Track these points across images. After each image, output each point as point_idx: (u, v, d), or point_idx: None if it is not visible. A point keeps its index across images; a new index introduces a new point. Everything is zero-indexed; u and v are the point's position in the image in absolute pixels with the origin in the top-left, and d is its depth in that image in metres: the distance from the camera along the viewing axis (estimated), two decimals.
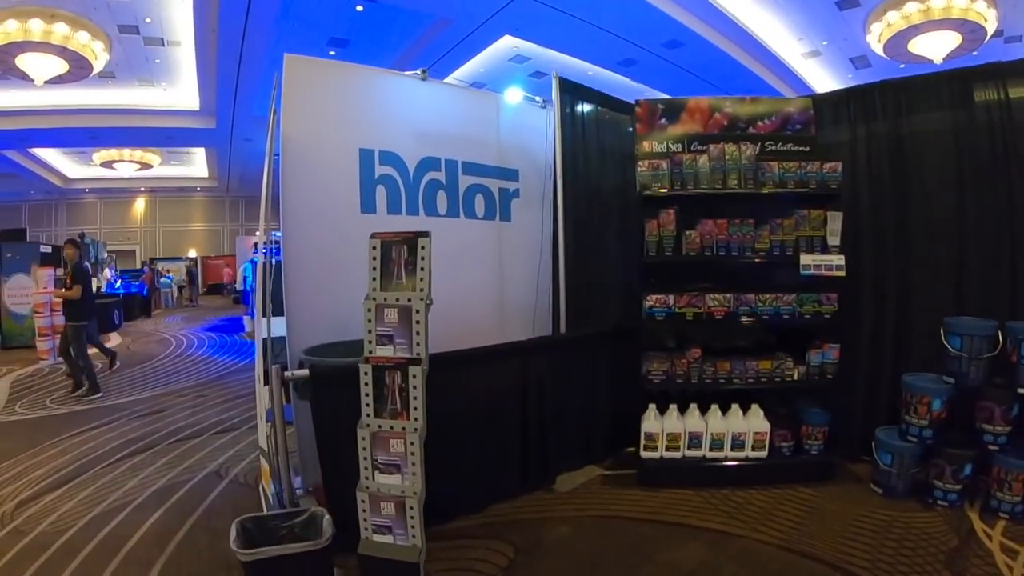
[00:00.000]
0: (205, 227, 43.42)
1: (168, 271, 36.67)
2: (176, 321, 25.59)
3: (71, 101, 23.13)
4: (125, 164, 31.63)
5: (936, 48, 16.82)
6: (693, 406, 6.76)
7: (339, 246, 5.88)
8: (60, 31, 16.37)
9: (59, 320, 14.98)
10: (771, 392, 6.78)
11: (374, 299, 4.18)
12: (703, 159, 6.72)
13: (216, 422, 9.41)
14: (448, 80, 18.70)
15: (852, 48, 19.03)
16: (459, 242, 6.80)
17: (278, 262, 6.13)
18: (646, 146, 7.14)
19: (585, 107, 7.37)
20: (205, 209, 43.24)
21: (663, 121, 7.19)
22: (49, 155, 32.58)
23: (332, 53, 19.40)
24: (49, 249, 19.50)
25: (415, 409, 4.08)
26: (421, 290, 4.14)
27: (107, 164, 31.82)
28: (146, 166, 32.65)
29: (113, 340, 19.32)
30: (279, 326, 8.62)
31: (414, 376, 4.06)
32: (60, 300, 13.89)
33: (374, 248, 4.24)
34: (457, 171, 6.93)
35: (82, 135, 26.38)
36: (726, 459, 6.58)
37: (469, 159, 7.03)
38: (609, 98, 7.64)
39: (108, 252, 33.28)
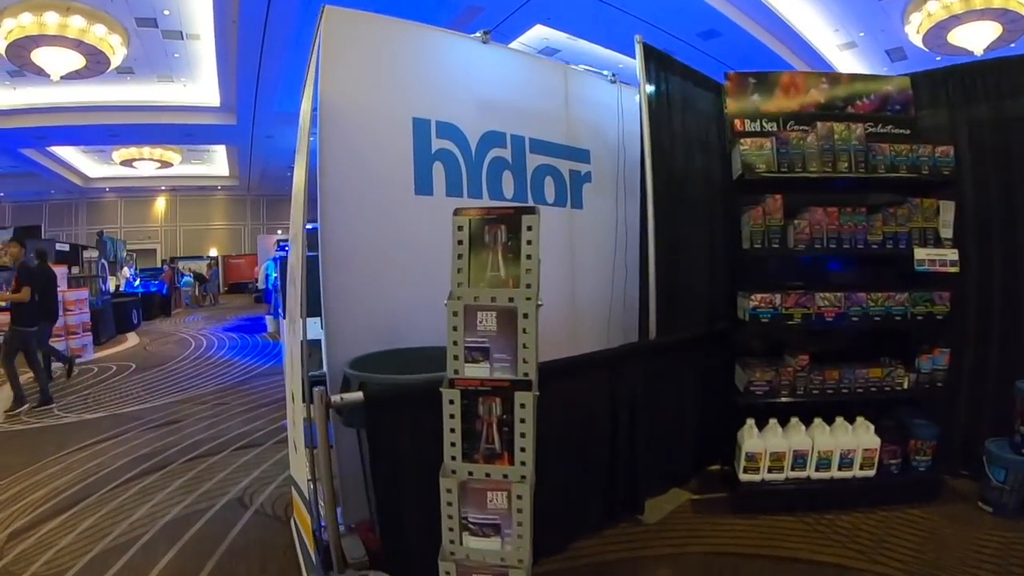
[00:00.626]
0: (226, 226, 42.43)
1: (189, 270, 35.68)
2: (196, 321, 24.40)
3: (89, 98, 22.31)
4: (145, 162, 30.82)
5: (976, 39, 16.07)
6: (795, 420, 5.67)
7: (389, 234, 4.79)
8: (76, 24, 15.66)
9: (73, 320, 13.95)
10: (873, 403, 5.78)
11: (460, 298, 2.99)
12: (811, 138, 5.70)
13: (238, 435, 8.22)
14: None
15: (889, 40, 18.16)
16: None
17: (312, 256, 5.13)
18: (738, 124, 6.20)
19: (669, 79, 6.16)
20: (226, 208, 42.28)
21: (755, 97, 6.29)
22: (69, 154, 31.63)
23: None
24: (67, 248, 18.52)
25: (522, 450, 2.92)
26: (528, 286, 2.97)
27: (127, 163, 30.99)
28: (166, 164, 31.82)
29: (130, 340, 18.26)
30: (310, 327, 7.62)
31: (522, 405, 2.90)
32: (74, 301, 13.06)
33: (460, 228, 3.04)
34: (524, 148, 5.70)
35: (101, 132, 25.47)
36: (831, 480, 5.57)
37: (537, 136, 5.80)
38: (692, 70, 6.43)
39: (128, 251, 32.31)
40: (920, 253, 5.54)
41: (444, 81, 5.26)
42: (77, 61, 17.34)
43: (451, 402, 2.95)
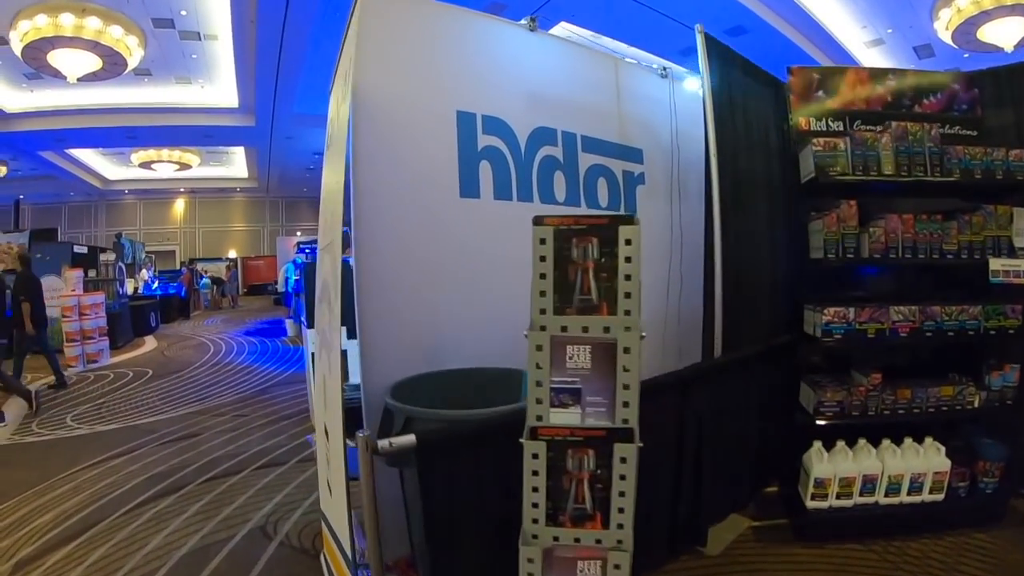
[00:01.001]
0: (245, 227, 41.96)
1: (207, 272, 35.21)
2: (215, 324, 23.86)
3: (107, 100, 22.03)
4: (164, 164, 30.38)
5: (1007, 35, 15.61)
6: (863, 442, 5.12)
7: (431, 242, 4.21)
8: (92, 25, 15.35)
9: (89, 325, 13.46)
10: (940, 422, 5.31)
11: (545, 328, 2.41)
12: (885, 139, 5.17)
13: (259, 452, 7.61)
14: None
15: (917, 36, 17.66)
16: None
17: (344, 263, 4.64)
18: (803, 122, 5.67)
19: (730, 73, 5.55)
20: (245, 210, 41.80)
21: (820, 93, 5.76)
22: (87, 156, 31.33)
23: None
24: (84, 250, 18.06)
25: (620, 511, 2.36)
26: (628, 312, 2.40)
27: (146, 165, 30.58)
28: (185, 166, 31.38)
29: (148, 344, 17.79)
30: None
31: (622, 459, 2.33)
32: (89, 305, 12.60)
33: (542, 241, 2.46)
34: (576, 147, 5.08)
35: (119, 135, 25.16)
36: (900, 505, 5.05)
37: (589, 133, 5.18)
38: (751, 64, 5.83)
39: (147, 253, 31.90)
40: (995, 264, 5.08)
41: (489, 71, 4.67)
42: (94, 63, 17.01)
43: (534, 456, 2.39)
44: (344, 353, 3.44)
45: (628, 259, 2.41)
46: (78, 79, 17.63)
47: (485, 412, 3.00)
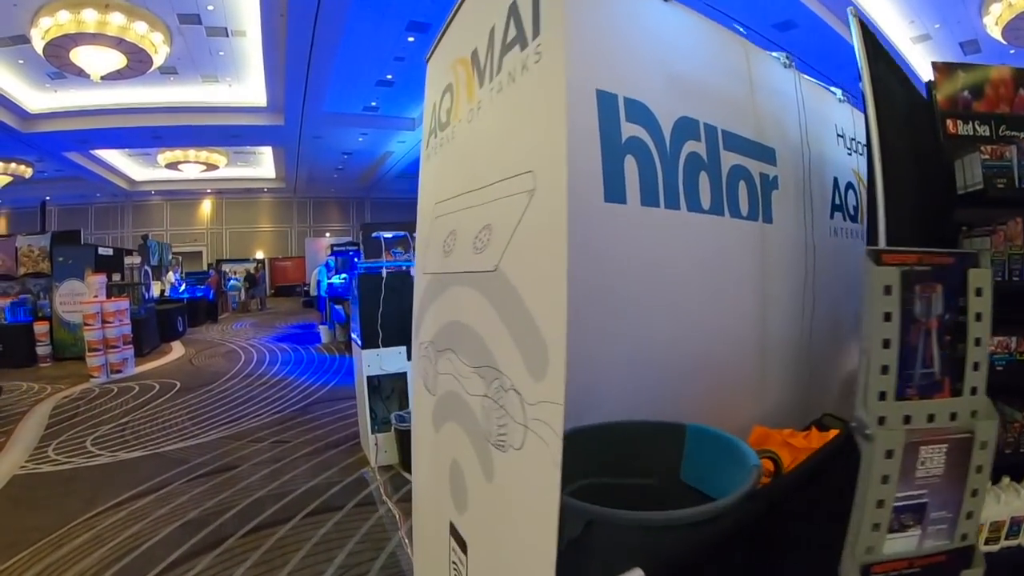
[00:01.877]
0: (272, 228, 40.99)
1: (235, 273, 34.46)
2: (244, 328, 22.75)
3: (132, 100, 21.45)
4: (191, 165, 29.64)
5: None
6: (1007, 481, 4.04)
7: (572, 260, 3.00)
8: (115, 21, 14.66)
9: (112, 333, 12.49)
10: None
11: (882, 420, 1.37)
12: None
13: (308, 492, 6.41)
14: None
15: (964, 31, 16.92)
16: (716, 253, 3.74)
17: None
18: (950, 126, 4.51)
19: (878, 68, 4.41)
20: (272, 210, 40.85)
21: (966, 95, 4.58)
22: (114, 157, 30.61)
23: (411, 39, 17.14)
24: (110, 252, 17.08)
25: None
26: (974, 390, 1.65)
27: (172, 166, 29.89)
28: (212, 167, 30.66)
29: (175, 351, 16.72)
30: (393, 359, 6.98)
31: None
32: (112, 312, 11.63)
33: (886, 290, 1.48)
34: (718, 143, 3.83)
35: (145, 135, 24.45)
36: None
37: (728, 127, 3.94)
38: (892, 57, 4.69)
39: (174, 254, 31.01)
40: None
41: (625, 43, 3.44)
42: (118, 60, 16.38)
43: None
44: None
45: (979, 317, 1.57)
46: (102, 78, 16.98)
47: (708, 510, 1.91)
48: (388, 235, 7.86)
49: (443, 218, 3.32)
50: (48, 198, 30.08)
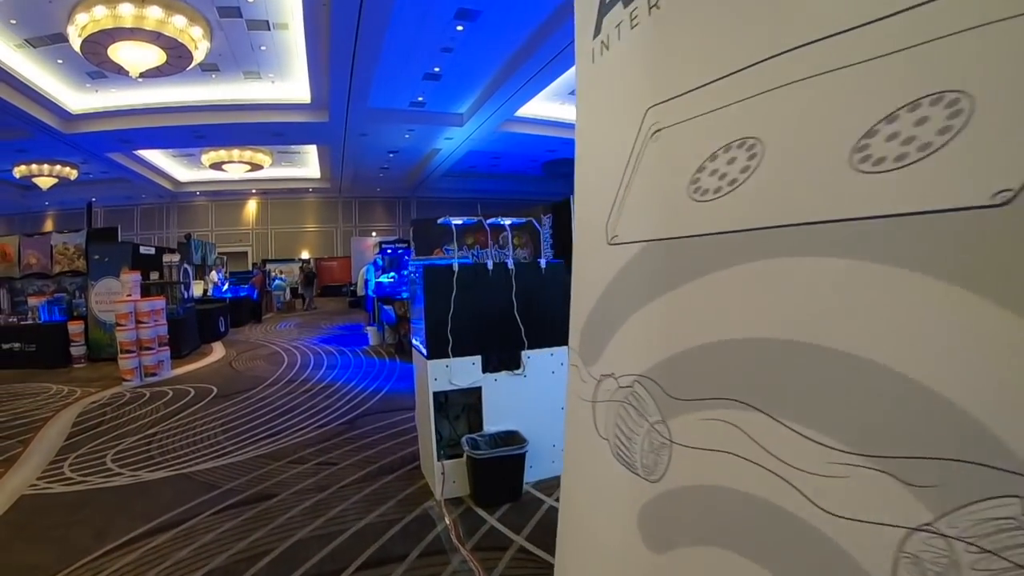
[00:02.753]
0: (318, 228, 40.15)
1: (280, 272, 33.86)
2: (288, 328, 21.71)
3: (173, 99, 21.07)
4: (235, 165, 28.87)
5: None
6: None
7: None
8: (153, 15, 14.06)
9: (146, 334, 11.63)
10: None
11: None
12: None
13: (361, 534, 5.04)
14: None
15: None
16: None
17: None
18: None
19: None
20: (317, 210, 40.04)
21: None
22: (157, 158, 30.17)
23: (460, 28, 16.24)
24: (152, 251, 16.18)
25: None
26: None
27: (216, 166, 29.11)
28: (256, 167, 29.85)
29: (215, 352, 15.78)
30: (465, 371, 5.89)
31: None
32: (147, 312, 10.89)
33: None
34: None
35: (187, 134, 23.82)
36: None
37: None
38: None
39: (219, 254, 30.31)
40: None
41: None
42: (157, 56, 15.70)
43: None
44: None
45: None
46: (142, 75, 16.41)
47: None
48: (458, 221, 6.68)
49: (689, 127, 1.95)
50: (94, 199, 29.61)
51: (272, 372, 12.67)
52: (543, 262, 6.13)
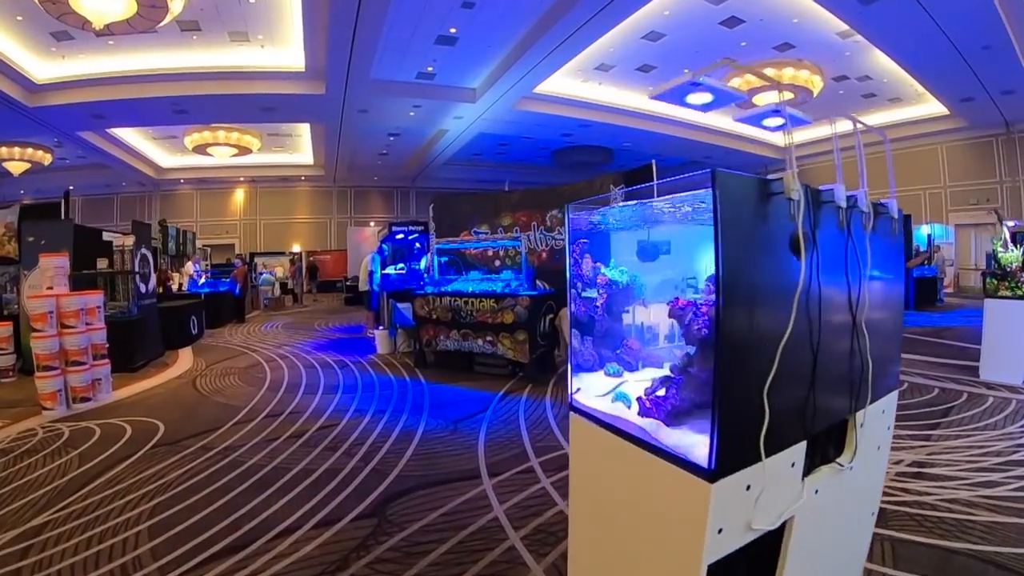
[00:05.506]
0: (310, 219, 35.91)
1: (267, 267, 29.97)
2: (275, 330, 17.29)
3: (149, 65, 17.54)
4: (221, 148, 25.00)
5: None
6: None
7: None
8: None
9: (73, 343, 7.81)
10: None
11: None
12: None
13: None
14: None
15: None
16: None
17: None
18: None
19: None
20: (310, 200, 35.80)
21: None
22: (137, 141, 26.36)
23: None
24: (115, 237, 12.23)
25: None
26: None
27: (201, 149, 25.26)
28: (244, 151, 25.95)
29: (181, 363, 11.47)
30: (775, 492, 2.24)
31: None
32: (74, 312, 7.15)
33: None
34: None
35: (165, 108, 19.74)
36: None
37: None
38: None
39: (203, 246, 26.64)
40: None
41: None
42: (125, 5, 12.27)
43: None
44: None
45: None
46: (110, 30, 13.03)
47: None
48: None
49: None
50: (72, 188, 25.97)
51: (248, 397, 8.59)
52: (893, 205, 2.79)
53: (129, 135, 25.05)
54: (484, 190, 13.81)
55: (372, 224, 31.88)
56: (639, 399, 2.42)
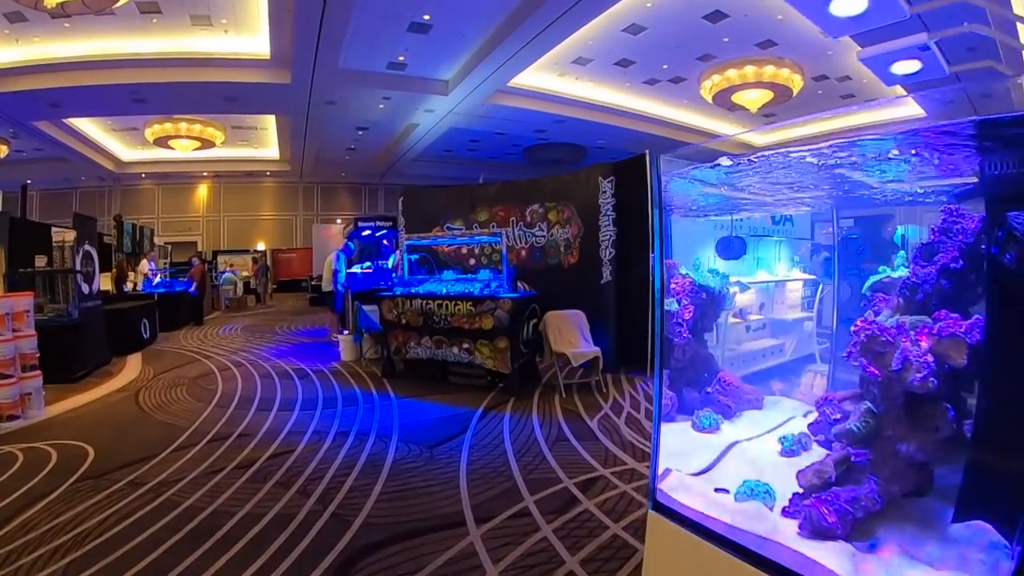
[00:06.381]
0: (276, 216, 34.46)
1: (232, 265, 28.39)
2: (234, 333, 16.08)
3: (107, 50, 16.26)
4: (183, 141, 23.63)
5: None
6: None
7: None
8: None
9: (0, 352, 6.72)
10: None
11: None
12: None
13: None
14: None
15: None
16: None
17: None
18: None
19: None
20: (276, 196, 34.36)
21: None
22: (95, 132, 24.83)
23: None
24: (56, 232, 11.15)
25: None
26: None
27: (162, 141, 23.84)
28: (208, 144, 24.59)
29: (128, 372, 10.31)
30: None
31: None
32: None
33: None
34: None
35: (123, 96, 18.34)
36: None
37: None
38: None
39: (165, 243, 25.46)
40: None
41: None
42: None
43: None
44: None
45: None
46: (64, 9, 12.05)
47: None
48: None
49: None
50: (29, 182, 24.79)
51: (194, 414, 7.48)
52: None
53: (88, 126, 23.72)
54: (458, 183, 12.77)
55: (339, 221, 30.45)
56: (800, 503, 1.41)
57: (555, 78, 19.70)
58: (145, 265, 18.60)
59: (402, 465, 5.53)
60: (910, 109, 22.79)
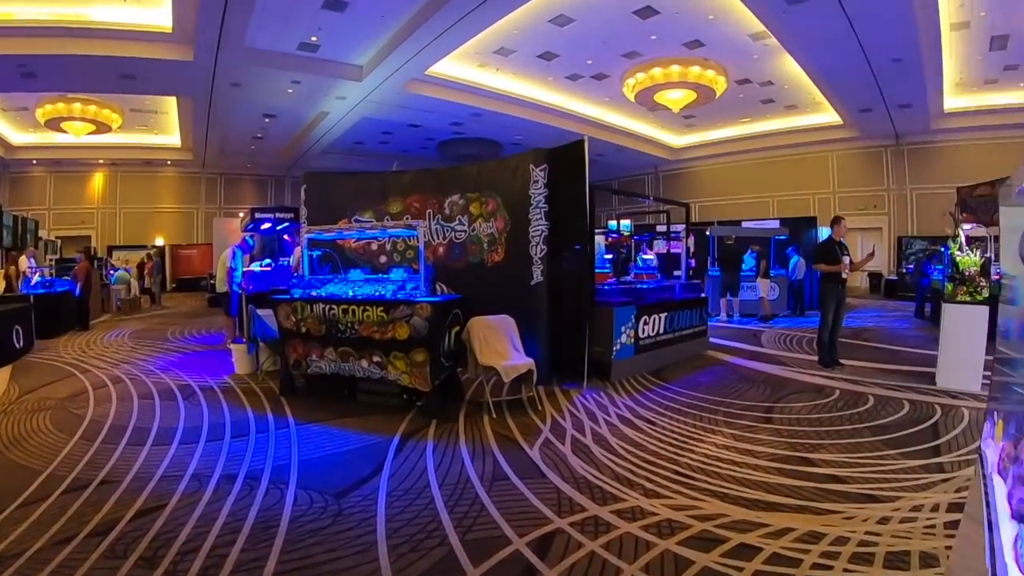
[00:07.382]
0: (176, 208, 31.96)
1: (128, 263, 25.89)
2: (120, 339, 14.04)
3: None
4: (76, 123, 21.58)
5: None
6: None
7: None
8: None
9: None
10: None
11: None
12: None
13: None
14: None
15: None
16: None
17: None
18: None
19: None
20: (176, 187, 31.86)
21: None
22: None
23: None
24: None
25: None
26: None
27: (54, 124, 21.83)
28: (104, 127, 22.54)
29: None
30: None
31: None
32: None
33: None
34: None
35: (10, 70, 16.52)
36: None
37: None
38: None
39: (55, 237, 23.71)
40: None
41: None
42: None
43: None
44: None
45: None
46: None
47: None
48: None
49: None
50: None
51: (53, 451, 5.85)
52: None
53: None
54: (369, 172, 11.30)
55: (241, 215, 28.44)
56: None
57: (475, 68, 18.99)
58: (24, 262, 16.37)
59: (302, 525, 4.18)
60: (828, 116, 23.29)
